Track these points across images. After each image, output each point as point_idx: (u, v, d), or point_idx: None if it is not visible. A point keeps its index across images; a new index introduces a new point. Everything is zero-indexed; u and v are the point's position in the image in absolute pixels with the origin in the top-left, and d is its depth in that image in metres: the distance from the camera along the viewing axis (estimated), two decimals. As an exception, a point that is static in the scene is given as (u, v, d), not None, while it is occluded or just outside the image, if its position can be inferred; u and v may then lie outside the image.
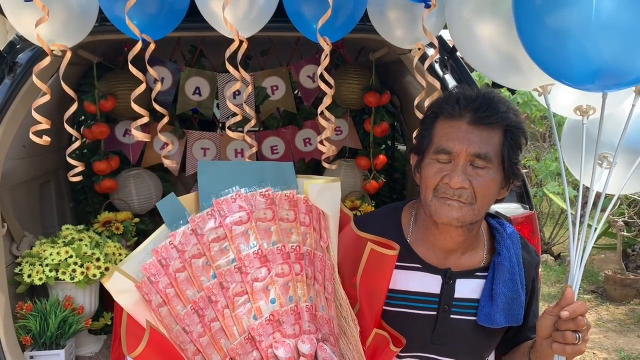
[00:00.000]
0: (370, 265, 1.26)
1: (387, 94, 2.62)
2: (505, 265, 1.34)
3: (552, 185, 5.72)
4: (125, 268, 1.19)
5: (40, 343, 1.87)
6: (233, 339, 1.17)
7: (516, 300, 1.35)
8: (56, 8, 1.37)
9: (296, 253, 1.22)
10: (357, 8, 1.49)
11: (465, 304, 1.35)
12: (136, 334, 1.16)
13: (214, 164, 1.30)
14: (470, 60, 1.42)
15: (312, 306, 1.22)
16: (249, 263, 1.18)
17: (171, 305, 1.18)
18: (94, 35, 1.57)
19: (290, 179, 1.29)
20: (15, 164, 2.02)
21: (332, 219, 1.32)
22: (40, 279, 1.91)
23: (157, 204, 1.23)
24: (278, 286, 1.19)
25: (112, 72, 2.55)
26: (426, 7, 1.36)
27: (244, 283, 1.17)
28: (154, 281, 1.17)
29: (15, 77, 1.82)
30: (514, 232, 1.42)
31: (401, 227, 1.39)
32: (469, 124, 1.25)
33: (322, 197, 1.29)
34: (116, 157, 2.63)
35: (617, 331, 4.75)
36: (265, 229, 1.21)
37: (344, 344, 1.33)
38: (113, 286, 1.18)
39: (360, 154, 2.78)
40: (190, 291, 1.18)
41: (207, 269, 1.18)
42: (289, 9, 1.46)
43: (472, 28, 1.30)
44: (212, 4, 1.42)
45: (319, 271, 1.27)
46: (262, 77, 2.86)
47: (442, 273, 1.35)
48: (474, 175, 1.23)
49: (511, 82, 1.41)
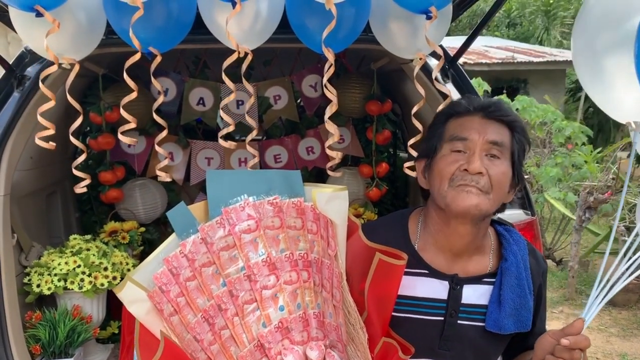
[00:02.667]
0: (379, 274, 1.27)
1: (388, 102, 2.65)
2: (512, 270, 1.36)
3: (552, 191, 5.74)
4: (136, 277, 1.21)
5: (49, 352, 1.89)
6: (242, 346, 1.18)
7: (524, 306, 1.36)
8: (65, 22, 1.41)
9: (304, 260, 1.23)
10: (360, 19, 1.52)
11: (472, 309, 1.37)
12: (149, 345, 1.17)
13: (222, 173, 1.32)
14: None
15: (320, 313, 1.23)
16: (258, 271, 1.19)
17: (182, 314, 1.19)
18: (101, 47, 1.61)
19: (297, 187, 1.30)
20: (22, 175, 2.04)
21: (340, 227, 1.34)
22: (49, 288, 1.93)
23: (167, 213, 1.25)
24: (286, 293, 1.20)
25: (117, 84, 2.58)
26: (427, 19, 1.40)
27: (252, 291, 1.19)
28: (165, 290, 1.19)
29: (24, 90, 1.86)
30: (520, 237, 1.44)
31: (408, 233, 1.41)
32: (481, 118, 1.31)
33: (330, 206, 1.31)
34: (121, 167, 2.66)
35: (619, 336, 4.75)
36: (273, 236, 1.22)
37: (352, 350, 1.34)
38: (126, 296, 1.19)
39: (362, 162, 2.81)
40: (201, 299, 1.20)
41: (217, 277, 1.20)
42: (293, 21, 1.50)
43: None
44: (218, 17, 1.45)
45: (326, 278, 1.28)
46: (265, 86, 2.89)
47: (449, 278, 1.37)
48: (489, 164, 1.28)
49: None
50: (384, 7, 1.51)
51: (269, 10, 1.45)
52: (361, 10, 1.50)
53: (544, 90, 12.67)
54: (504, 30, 20.58)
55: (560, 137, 6.24)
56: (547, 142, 6.73)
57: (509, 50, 13.97)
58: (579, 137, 6.19)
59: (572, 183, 5.62)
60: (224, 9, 1.39)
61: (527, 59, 13.12)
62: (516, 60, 12.94)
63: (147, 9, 1.34)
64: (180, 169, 2.89)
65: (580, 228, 5.55)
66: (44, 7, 1.31)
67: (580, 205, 5.47)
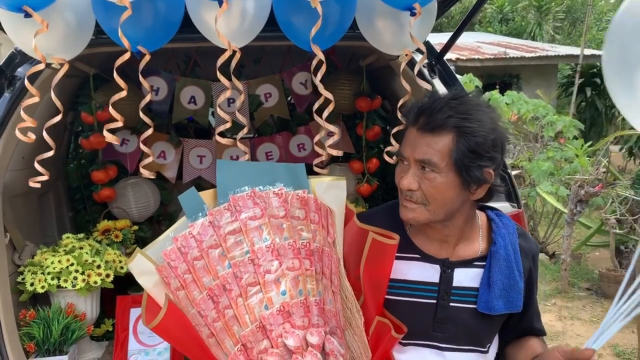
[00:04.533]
0: (372, 254, 1.34)
1: (378, 98, 2.67)
2: (500, 253, 1.42)
3: (545, 185, 5.78)
4: (148, 252, 1.28)
5: (43, 349, 1.90)
6: (245, 326, 1.23)
7: (514, 287, 1.41)
8: (54, 22, 1.42)
9: (306, 249, 1.29)
10: (346, 17, 1.54)
11: (464, 292, 1.42)
12: (154, 310, 1.24)
13: (231, 163, 1.39)
14: None
15: (321, 300, 1.29)
16: (262, 255, 1.25)
17: (188, 289, 1.25)
18: (91, 47, 1.62)
19: (301, 179, 1.37)
20: (14, 175, 2.05)
21: (338, 215, 1.41)
22: (43, 286, 1.95)
23: (178, 197, 1.31)
24: (288, 279, 1.25)
25: (108, 83, 2.58)
26: (412, 15, 1.42)
27: (256, 274, 1.24)
28: (173, 266, 1.26)
29: (15, 91, 1.87)
30: (510, 221, 1.50)
31: (400, 220, 1.45)
32: (417, 131, 1.34)
33: (328, 194, 1.38)
34: (114, 166, 2.67)
35: (611, 327, 4.78)
36: (277, 224, 1.28)
37: (350, 335, 1.40)
38: (136, 267, 1.27)
39: (353, 158, 2.83)
40: (206, 278, 1.25)
41: (223, 259, 1.25)
42: (280, 19, 1.52)
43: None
44: (205, 16, 1.47)
45: (326, 266, 1.34)
46: (256, 84, 2.91)
47: (440, 262, 1.42)
48: (422, 178, 1.32)
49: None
50: (370, 4, 1.53)
51: (256, 9, 1.46)
52: (347, 7, 1.52)
53: (537, 85, 12.73)
54: (496, 26, 20.63)
55: (551, 132, 6.28)
56: (539, 136, 6.78)
57: (501, 45, 14.01)
58: (570, 131, 6.23)
59: (563, 177, 5.66)
60: (211, 8, 1.40)
61: (519, 55, 13.16)
62: (508, 55, 12.97)
63: (135, 8, 1.36)
64: (173, 167, 2.90)
65: (572, 221, 5.60)
66: (32, 7, 1.33)
67: (571, 198, 5.51)
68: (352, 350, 1.38)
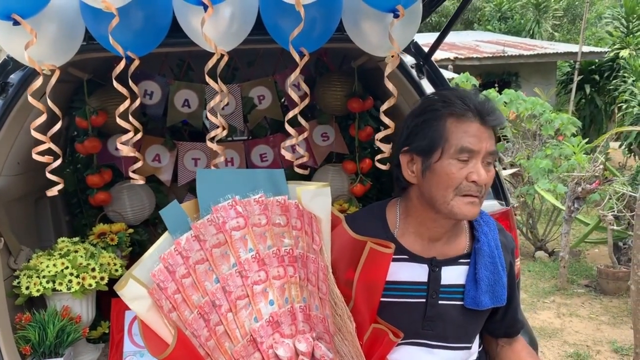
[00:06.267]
0: (369, 262, 1.35)
1: (369, 99, 2.69)
2: (484, 250, 1.44)
3: (543, 183, 5.79)
4: (135, 273, 1.23)
5: (39, 352, 1.92)
6: (236, 341, 1.22)
7: (498, 282, 1.45)
8: (43, 30, 1.43)
9: (289, 256, 1.28)
10: (332, 19, 1.56)
11: (451, 289, 1.45)
12: (154, 338, 1.21)
13: (210, 172, 1.36)
14: None
15: (306, 306, 1.28)
16: (249, 267, 1.23)
17: (179, 310, 1.23)
18: (82, 53, 1.64)
19: (281, 185, 1.35)
20: (9, 180, 2.07)
21: (324, 222, 1.39)
22: (38, 290, 1.97)
23: (160, 212, 1.28)
24: (275, 288, 1.24)
25: (102, 88, 2.60)
26: (395, 17, 1.43)
27: (244, 286, 1.23)
28: (162, 287, 1.22)
29: (7, 97, 1.89)
30: (489, 218, 1.53)
31: (386, 222, 1.48)
32: (480, 125, 1.34)
33: (314, 202, 1.36)
34: (109, 170, 2.69)
35: (610, 323, 4.81)
36: (260, 233, 1.27)
37: (339, 340, 1.38)
38: (128, 293, 1.21)
39: (346, 158, 2.84)
40: (196, 296, 1.23)
41: (210, 273, 1.23)
42: (267, 22, 1.53)
43: None
44: (192, 20, 1.48)
45: (312, 272, 1.32)
46: (249, 87, 2.92)
47: (427, 262, 1.44)
48: (486, 171, 1.35)
49: None
50: (355, 7, 1.54)
51: (242, 12, 1.48)
52: (332, 10, 1.53)
53: (535, 83, 12.74)
54: (495, 24, 20.64)
55: (550, 130, 6.29)
56: (538, 134, 6.79)
57: (500, 44, 14.03)
58: (568, 128, 6.24)
59: (561, 174, 5.67)
60: (198, 12, 1.41)
61: (517, 52, 13.18)
62: (507, 53, 12.99)
63: (123, 13, 1.37)
64: (168, 170, 2.92)
65: (569, 218, 5.61)
66: (21, 15, 1.34)
67: (569, 195, 5.53)
68: (342, 354, 1.37)
